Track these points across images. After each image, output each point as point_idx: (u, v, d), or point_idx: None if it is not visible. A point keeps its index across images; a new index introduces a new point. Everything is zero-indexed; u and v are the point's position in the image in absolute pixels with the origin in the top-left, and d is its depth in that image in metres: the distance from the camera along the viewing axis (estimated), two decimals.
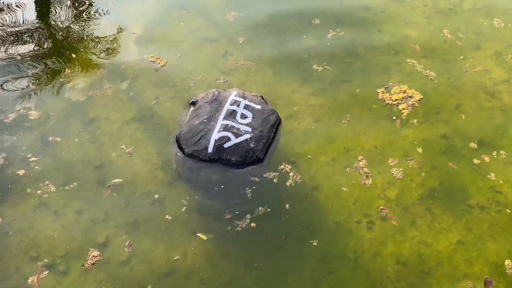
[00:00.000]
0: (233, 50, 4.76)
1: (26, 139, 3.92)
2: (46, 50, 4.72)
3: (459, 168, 3.85)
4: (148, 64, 4.60)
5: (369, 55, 4.76)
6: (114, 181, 3.69)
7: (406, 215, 3.55)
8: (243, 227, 3.45)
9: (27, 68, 4.51)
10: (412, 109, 4.28)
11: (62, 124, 4.05)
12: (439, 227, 3.49)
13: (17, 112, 4.12)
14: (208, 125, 3.89)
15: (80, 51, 4.74)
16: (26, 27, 4.95)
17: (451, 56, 4.79)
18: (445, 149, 3.98)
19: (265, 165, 3.83)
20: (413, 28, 5.08)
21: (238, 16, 5.17)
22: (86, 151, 3.86)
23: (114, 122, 4.08)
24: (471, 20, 5.22)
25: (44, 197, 3.56)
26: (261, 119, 3.96)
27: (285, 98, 4.32)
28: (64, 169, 3.74)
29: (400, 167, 3.84)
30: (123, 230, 3.42)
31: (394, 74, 4.57)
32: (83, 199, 3.58)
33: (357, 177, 3.76)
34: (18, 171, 3.71)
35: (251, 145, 3.82)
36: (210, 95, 4.11)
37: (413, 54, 4.78)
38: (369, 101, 4.33)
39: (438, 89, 4.46)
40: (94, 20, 5.08)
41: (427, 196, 3.67)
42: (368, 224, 3.50)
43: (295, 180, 3.72)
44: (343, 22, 5.11)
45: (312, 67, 4.62)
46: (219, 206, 3.58)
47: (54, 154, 3.83)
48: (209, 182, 3.72)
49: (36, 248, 3.31)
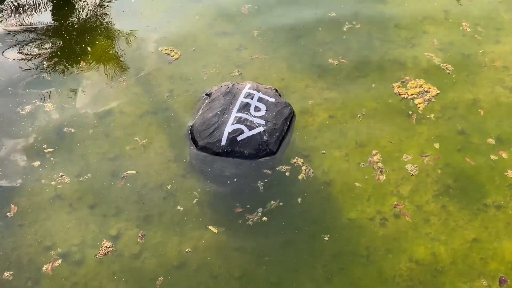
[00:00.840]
0: (248, 44, 4.74)
1: (41, 131, 3.96)
2: (62, 44, 4.76)
3: (476, 164, 3.78)
4: (163, 57, 4.61)
5: (385, 49, 4.69)
6: (127, 173, 3.71)
7: (420, 212, 3.50)
8: (255, 221, 3.44)
9: (42, 61, 4.55)
10: (428, 104, 4.21)
11: (76, 116, 4.09)
12: (454, 225, 3.44)
13: (33, 104, 4.16)
14: (221, 118, 3.88)
15: (95, 44, 4.77)
16: (42, 21, 4.99)
17: (470, 50, 4.69)
18: (462, 145, 3.91)
19: (278, 158, 3.81)
20: (431, 22, 4.98)
21: (253, 9, 5.13)
22: (100, 144, 3.89)
23: (128, 115, 4.10)
24: (492, 13, 5.10)
25: (59, 188, 3.60)
26: (275, 112, 3.94)
27: (299, 93, 4.29)
28: (79, 161, 3.77)
29: (415, 163, 3.78)
30: (135, 223, 3.44)
31: (410, 68, 4.50)
32: (97, 191, 3.60)
33: (371, 173, 3.72)
34: (34, 162, 3.75)
35: (264, 138, 3.80)
36: (224, 87, 4.10)
37: (430, 48, 4.70)
38: (385, 96, 4.27)
39: (455, 84, 4.38)
40: (109, 14, 5.10)
41: (443, 193, 3.61)
42: (381, 220, 3.46)
43: (308, 174, 3.70)
44: (359, 15, 5.05)
45: (327, 60, 4.57)
46: (231, 199, 3.57)
47: (69, 146, 3.87)
48: (222, 175, 3.71)
49: (51, 238, 3.35)
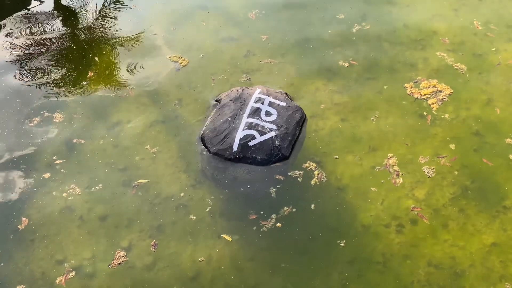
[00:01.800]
0: (256, 49, 4.69)
1: (51, 142, 3.94)
2: (70, 54, 4.75)
3: (494, 165, 3.69)
4: (170, 65, 4.58)
5: (396, 51, 4.63)
6: (139, 182, 3.67)
7: (437, 216, 3.42)
8: (269, 227, 3.38)
9: (51, 72, 4.54)
10: (442, 104, 4.13)
11: (86, 127, 4.06)
12: (473, 229, 3.35)
13: (42, 116, 4.14)
14: (232, 124, 3.83)
15: (103, 54, 4.75)
16: (50, 33, 4.99)
17: (483, 49, 4.61)
18: (478, 146, 3.83)
19: (290, 162, 3.75)
20: (441, 21, 4.91)
21: (260, 14, 5.10)
22: (110, 154, 3.86)
23: (137, 125, 4.07)
24: (502, 11, 5.02)
25: (70, 200, 3.57)
26: (286, 116, 3.89)
27: (309, 97, 4.23)
28: (89, 172, 3.74)
29: (431, 165, 3.70)
30: (147, 233, 3.39)
31: (422, 69, 4.43)
32: (108, 202, 3.57)
33: (386, 176, 3.65)
34: (44, 174, 3.73)
35: (276, 142, 3.75)
36: (234, 93, 4.06)
37: (442, 47, 4.62)
38: (397, 97, 4.20)
39: (469, 83, 4.30)
40: (116, 23, 5.09)
41: (460, 195, 3.52)
42: (398, 226, 3.38)
43: (320, 179, 3.63)
44: (368, 16, 4.99)
45: (337, 63, 4.51)
46: (244, 206, 3.52)
47: (79, 157, 3.84)
48: (234, 181, 3.66)
49: (63, 251, 3.31)
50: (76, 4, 5.34)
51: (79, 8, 5.28)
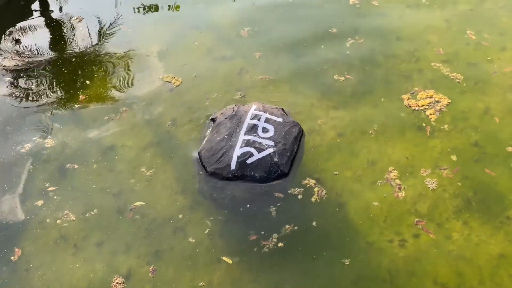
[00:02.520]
0: (249, 67, 4.65)
1: (43, 168, 3.85)
2: (60, 78, 4.69)
3: (496, 175, 3.64)
4: (164, 85, 4.52)
5: (390, 64, 4.60)
6: (135, 204, 3.58)
7: (441, 229, 3.34)
8: (270, 247, 3.29)
9: (41, 97, 4.47)
10: (440, 114, 4.09)
11: (79, 151, 3.97)
12: (477, 240, 3.28)
13: (33, 142, 4.06)
14: (229, 141, 3.77)
15: (94, 76, 4.69)
16: (39, 57, 4.93)
17: (477, 58, 4.60)
18: (479, 156, 3.77)
19: (290, 179, 3.68)
20: (433, 32, 4.91)
21: (252, 32, 5.07)
22: (105, 179, 3.77)
23: (131, 148, 3.99)
24: (494, 20, 5.02)
25: (64, 227, 3.46)
26: (284, 132, 3.83)
27: (305, 113, 4.18)
28: (83, 198, 3.64)
29: (433, 177, 3.64)
30: (145, 259, 3.29)
31: (417, 80, 4.39)
32: (104, 228, 3.47)
33: (389, 190, 3.58)
34: (37, 201, 3.63)
35: (275, 159, 3.68)
36: (229, 110, 4.01)
37: (437, 58, 4.60)
38: (394, 110, 4.15)
39: (466, 92, 4.27)
40: (108, 45, 5.04)
41: (463, 207, 3.46)
42: (401, 242, 3.30)
43: (321, 195, 3.56)
44: (360, 30, 4.98)
45: (332, 77, 4.47)
46: (244, 226, 3.43)
47: (73, 183, 3.75)
48: (234, 200, 3.58)
49: (59, 281, 3.20)
50: (67, 25, 5.29)
51: (70, 30, 5.24)
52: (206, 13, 5.37)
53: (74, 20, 5.35)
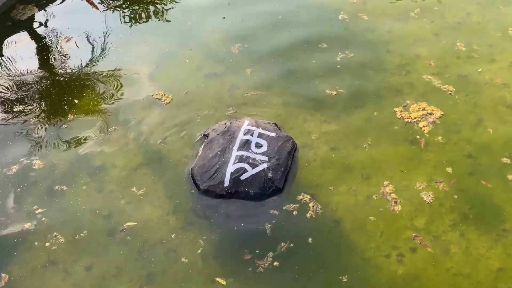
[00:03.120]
0: (240, 83, 4.61)
1: (31, 190, 3.75)
2: (48, 98, 4.61)
3: (492, 186, 3.61)
4: (154, 103, 4.46)
5: (381, 77, 4.59)
6: (127, 225, 3.49)
7: (439, 244, 3.29)
8: (266, 267, 3.21)
9: (29, 117, 4.39)
10: (433, 126, 4.07)
11: (67, 173, 3.88)
12: (476, 254, 3.22)
13: (20, 163, 3.96)
14: (222, 158, 3.71)
15: (83, 96, 4.62)
16: (27, 76, 4.86)
17: (468, 70, 4.61)
18: (474, 168, 3.75)
19: (285, 195, 3.62)
20: (423, 46, 4.92)
21: (243, 48, 5.05)
22: (94, 200, 3.68)
23: (121, 168, 3.90)
24: (482, 32, 5.06)
25: (53, 250, 3.36)
26: (277, 147, 3.78)
27: (298, 128, 4.14)
28: (72, 220, 3.54)
29: (429, 190, 3.60)
30: (137, 283, 3.18)
31: (408, 93, 4.38)
32: (94, 251, 3.37)
33: (384, 204, 3.52)
34: (25, 224, 3.52)
35: (269, 174, 3.62)
36: (222, 126, 3.96)
37: (428, 71, 4.60)
38: (387, 123, 4.13)
39: (458, 104, 4.26)
40: (97, 64, 4.99)
41: (460, 221, 3.41)
42: (398, 256, 3.24)
43: (316, 211, 3.50)
44: (350, 45, 4.98)
45: (324, 92, 4.45)
46: (238, 245, 3.35)
47: (61, 205, 3.65)
48: (228, 218, 3.51)
49: None
50: (55, 45, 5.24)
51: (58, 50, 5.18)
52: (196, 31, 5.35)
53: (63, 39, 5.30)
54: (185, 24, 5.48)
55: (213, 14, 5.57)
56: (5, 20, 5.58)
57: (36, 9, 5.73)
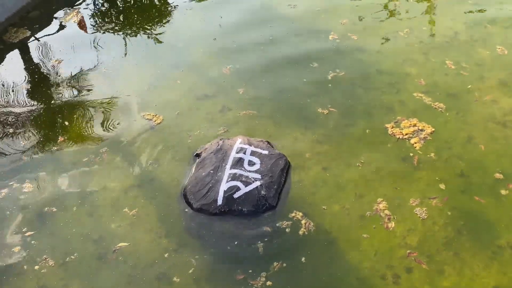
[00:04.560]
0: (232, 103, 4.62)
1: (20, 213, 3.69)
2: (38, 121, 4.59)
3: (486, 202, 3.61)
4: (145, 124, 4.45)
5: (371, 96, 4.62)
6: (119, 245, 3.44)
7: (433, 263, 3.26)
8: (258, 286, 3.16)
9: (19, 139, 4.35)
10: (424, 142, 4.08)
11: (57, 195, 3.83)
12: (471, 274, 3.19)
13: (10, 187, 3.90)
14: (215, 176, 3.69)
15: (74, 118, 4.60)
16: (16, 100, 4.84)
17: (458, 87, 4.65)
18: (467, 184, 3.75)
19: (278, 213, 3.60)
20: (412, 65, 4.98)
21: (234, 69, 5.08)
22: (85, 223, 3.62)
23: (112, 191, 3.86)
24: (471, 51, 5.13)
25: (43, 273, 3.29)
26: (270, 164, 3.78)
27: (289, 147, 4.13)
28: (62, 244, 3.49)
29: (423, 206, 3.59)
30: None
31: (400, 111, 4.40)
32: (85, 276, 3.30)
33: (378, 221, 3.51)
34: (14, 248, 3.46)
35: (262, 192, 3.60)
36: (214, 145, 3.95)
37: (418, 89, 4.64)
38: (378, 140, 4.14)
39: (449, 121, 4.29)
40: (88, 86, 4.98)
41: (453, 238, 3.40)
42: (394, 276, 3.20)
43: (308, 228, 3.47)
44: (341, 64, 5.02)
45: (315, 111, 4.47)
46: (231, 265, 3.31)
47: (51, 228, 3.59)
48: (220, 238, 3.47)
49: None
50: (46, 67, 5.24)
51: (49, 71, 5.18)
52: (187, 52, 5.38)
53: (54, 62, 5.31)
54: (176, 46, 5.51)
55: (204, 36, 5.61)
56: None
57: (28, 32, 5.75)
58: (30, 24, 5.87)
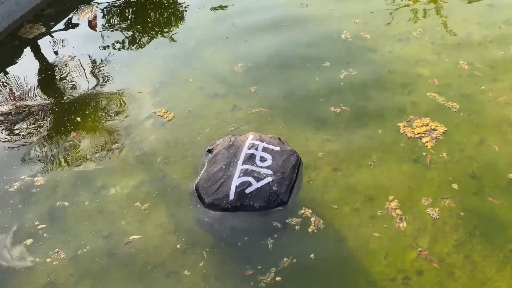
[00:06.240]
0: (243, 102, 4.61)
1: (32, 207, 3.73)
2: (51, 116, 4.63)
3: (499, 204, 3.57)
4: (156, 121, 4.46)
5: (383, 96, 4.59)
6: (131, 238, 3.46)
7: (444, 264, 3.23)
8: (268, 282, 3.16)
9: (31, 135, 4.39)
10: (436, 142, 4.05)
11: (69, 190, 3.86)
12: (483, 278, 3.15)
13: (22, 180, 3.94)
14: (227, 172, 3.70)
15: (86, 114, 4.63)
16: (30, 95, 4.89)
17: (471, 88, 4.61)
18: (480, 185, 3.71)
19: (289, 209, 3.60)
20: (425, 65, 4.94)
21: (246, 67, 5.08)
22: (95, 218, 3.64)
23: (123, 186, 3.88)
24: (483, 53, 5.08)
25: (54, 270, 3.31)
26: (281, 161, 3.79)
27: (300, 146, 4.12)
28: (74, 238, 3.51)
29: (435, 206, 3.56)
30: None
31: (410, 112, 4.37)
32: (95, 272, 3.32)
33: (389, 221, 3.48)
34: (26, 240, 3.49)
35: (274, 188, 3.61)
36: (227, 141, 3.96)
37: (431, 89, 4.61)
38: (390, 140, 4.12)
39: (463, 121, 4.26)
40: (100, 83, 5.02)
41: (466, 239, 3.36)
42: (404, 279, 3.17)
43: (318, 226, 3.46)
44: (353, 64, 5.00)
45: (327, 109, 4.45)
46: (241, 260, 3.31)
47: (62, 222, 3.62)
48: (231, 233, 3.48)
49: None
50: (59, 63, 5.28)
51: (62, 68, 5.23)
52: (199, 51, 5.39)
53: (67, 58, 5.35)
54: (188, 44, 5.53)
55: (216, 34, 5.63)
56: (13, 39, 5.66)
57: (43, 28, 5.81)
58: (45, 21, 5.93)
